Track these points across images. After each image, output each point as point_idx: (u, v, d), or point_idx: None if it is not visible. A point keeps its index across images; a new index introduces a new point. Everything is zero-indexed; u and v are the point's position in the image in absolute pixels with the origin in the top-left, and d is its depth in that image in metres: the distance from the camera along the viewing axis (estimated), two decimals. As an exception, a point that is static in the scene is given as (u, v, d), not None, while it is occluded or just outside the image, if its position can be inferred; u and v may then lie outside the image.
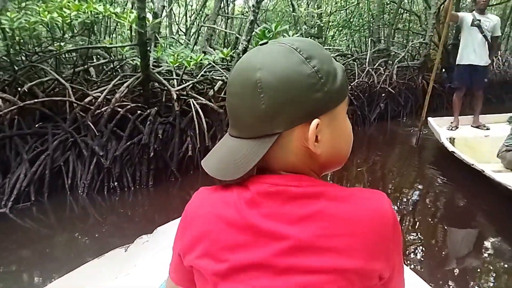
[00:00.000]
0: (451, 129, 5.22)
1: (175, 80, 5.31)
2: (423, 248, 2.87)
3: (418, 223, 3.34)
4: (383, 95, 8.17)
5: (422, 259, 2.75)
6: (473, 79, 5.13)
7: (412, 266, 2.58)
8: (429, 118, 5.39)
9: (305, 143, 0.57)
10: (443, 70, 12.51)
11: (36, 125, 4.21)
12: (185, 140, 4.50)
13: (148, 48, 4.69)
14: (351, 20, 12.01)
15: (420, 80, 9.42)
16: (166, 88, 4.84)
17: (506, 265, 2.60)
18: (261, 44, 0.60)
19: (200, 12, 7.72)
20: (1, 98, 4.06)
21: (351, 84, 7.48)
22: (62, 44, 4.89)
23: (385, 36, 10.88)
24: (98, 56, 6.03)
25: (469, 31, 5.00)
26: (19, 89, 4.26)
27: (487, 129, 5.16)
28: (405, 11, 12.09)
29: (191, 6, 9.19)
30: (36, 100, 4.20)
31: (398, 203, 3.69)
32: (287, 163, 0.59)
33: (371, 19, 11.42)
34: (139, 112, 4.36)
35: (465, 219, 3.44)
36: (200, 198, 0.65)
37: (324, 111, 0.58)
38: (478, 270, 2.58)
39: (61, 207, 3.76)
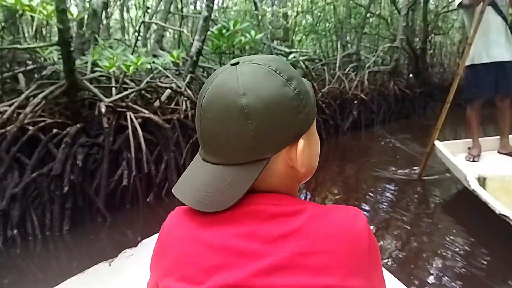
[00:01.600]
0: (472, 160, 3.45)
1: (114, 88, 4.22)
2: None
3: None
4: (355, 102, 7.35)
5: None
6: (498, 82, 3.32)
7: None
8: (437, 143, 3.67)
9: (290, 163, 0.57)
10: (410, 75, 12.00)
11: None
12: (119, 165, 3.42)
13: (72, 49, 3.58)
14: (318, 24, 11.31)
15: (392, 86, 8.69)
16: (99, 99, 3.75)
17: None
18: (232, 64, 0.55)
19: (155, 13, 6.64)
20: None
21: (322, 91, 6.59)
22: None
23: (352, 40, 10.14)
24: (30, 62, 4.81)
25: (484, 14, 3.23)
26: None
27: None
28: (373, 15, 11.48)
29: (149, 8, 8.06)
30: None
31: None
32: (268, 183, 0.57)
33: (338, 23, 10.76)
34: (55, 131, 3.24)
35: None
36: (175, 218, 0.60)
37: (305, 131, 0.58)
38: None
39: None
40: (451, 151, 3.51)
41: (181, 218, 0.59)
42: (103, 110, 3.36)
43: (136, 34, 5.60)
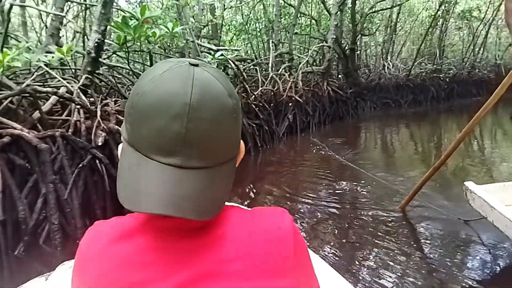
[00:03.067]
0: None
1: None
2: None
3: None
4: (290, 104, 6.63)
5: None
6: None
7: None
8: (470, 184, 2.50)
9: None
10: (339, 76, 11.71)
11: None
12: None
13: None
14: (248, 24, 10.55)
15: (326, 87, 8.15)
16: None
17: None
18: (192, 64, 0.49)
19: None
20: None
21: (255, 93, 5.75)
22: None
23: (283, 40, 9.49)
24: None
25: None
26: None
27: None
28: (303, 15, 10.96)
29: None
30: None
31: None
32: None
33: (268, 23, 10.08)
34: None
35: None
36: (94, 235, 0.53)
37: None
38: None
39: None
40: (501, 199, 2.30)
41: (99, 233, 0.53)
42: None
43: (37, 28, 4.29)
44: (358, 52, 12.34)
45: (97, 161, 2.80)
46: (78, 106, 3.10)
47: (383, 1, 11.10)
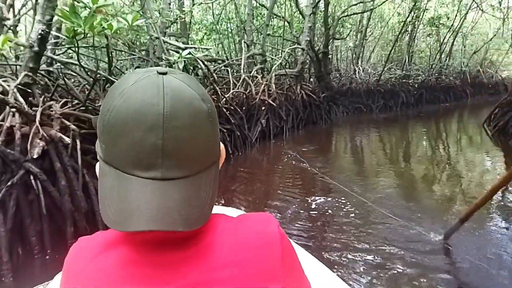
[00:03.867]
0: None
1: None
2: None
3: None
4: (263, 108, 6.25)
5: None
6: None
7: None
8: None
9: None
10: (311, 79, 11.48)
11: None
12: None
13: None
14: (219, 23, 10.12)
15: (299, 90, 7.83)
16: None
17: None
18: (161, 73, 0.46)
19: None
20: None
21: (226, 96, 5.31)
22: None
23: (256, 41, 9.12)
24: None
25: None
26: None
27: None
28: (276, 16, 10.64)
29: None
30: None
31: None
32: None
33: (240, 23, 9.69)
34: None
35: None
36: (78, 251, 0.51)
37: None
38: None
39: None
40: None
41: (83, 250, 0.51)
42: None
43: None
44: (330, 56, 12.18)
45: (32, 177, 2.28)
46: (14, 109, 2.55)
47: (355, 5, 10.98)
